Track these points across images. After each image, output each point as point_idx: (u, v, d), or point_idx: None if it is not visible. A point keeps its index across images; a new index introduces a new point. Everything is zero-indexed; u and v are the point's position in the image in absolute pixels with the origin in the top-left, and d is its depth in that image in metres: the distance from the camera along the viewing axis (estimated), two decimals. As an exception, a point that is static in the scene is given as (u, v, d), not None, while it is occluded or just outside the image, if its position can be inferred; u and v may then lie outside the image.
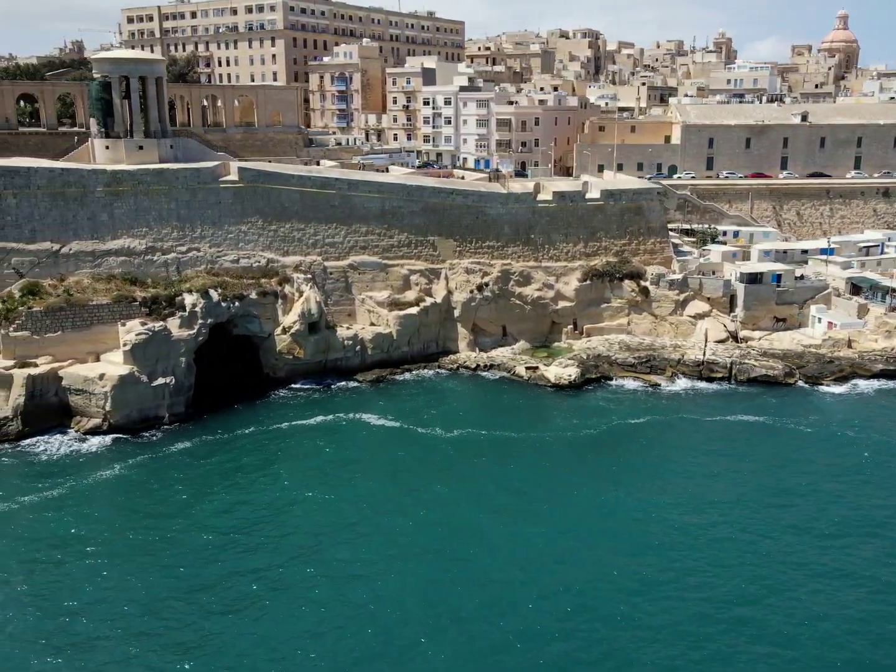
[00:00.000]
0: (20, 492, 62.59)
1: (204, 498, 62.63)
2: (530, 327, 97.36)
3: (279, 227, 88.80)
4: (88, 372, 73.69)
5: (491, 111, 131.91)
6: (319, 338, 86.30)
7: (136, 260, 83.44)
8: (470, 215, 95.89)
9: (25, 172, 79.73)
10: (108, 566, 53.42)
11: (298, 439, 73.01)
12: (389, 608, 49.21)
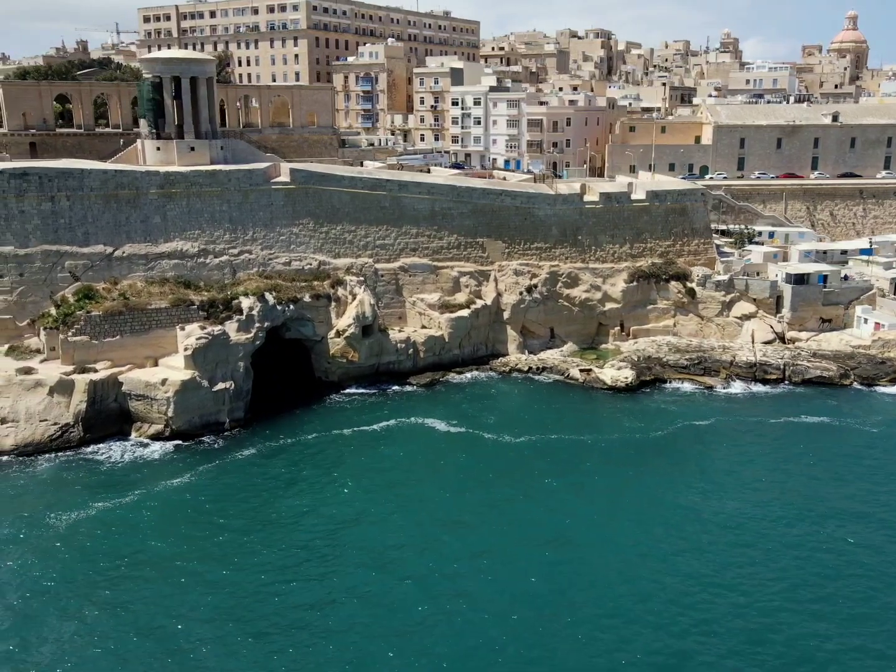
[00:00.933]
0: (91, 500, 61.20)
1: (275, 507, 61.39)
2: (578, 329, 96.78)
3: (330, 228, 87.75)
4: (150, 377, 72.44)
5: (522, 111, 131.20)
6: (373, 341, 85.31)
7: (188, 263, 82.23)
8: (518, 217, 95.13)
9: (79, 174, 78.37)
10: (191, 578, 52.10)
11: (363, 445, 71.93)
12: (488, 617, 48.31)
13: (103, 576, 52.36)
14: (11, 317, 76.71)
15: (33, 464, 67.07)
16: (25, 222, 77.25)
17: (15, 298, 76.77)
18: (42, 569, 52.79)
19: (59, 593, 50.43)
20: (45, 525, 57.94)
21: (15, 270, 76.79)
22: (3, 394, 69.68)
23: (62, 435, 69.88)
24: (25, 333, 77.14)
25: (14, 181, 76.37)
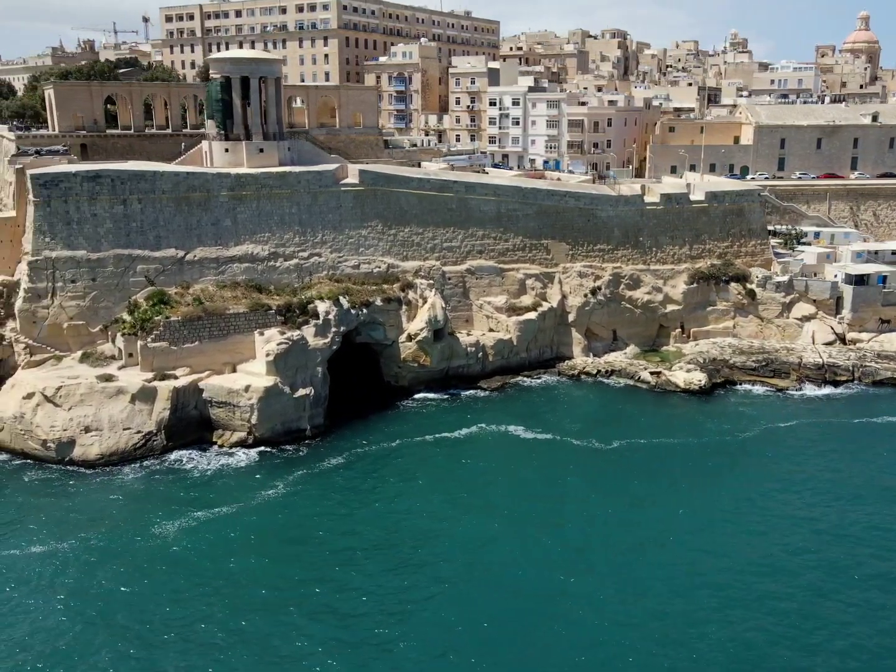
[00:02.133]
0: (189, 511, 59.70)
1: (372, 519, 59.81)
2: (639, 331, 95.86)
3: (398, 231, 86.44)
4: (232, 384, 70.92)
5: (562, 112, 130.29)
6: (444, 345, 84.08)
7: (259, 266, 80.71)
8: (582, 218, 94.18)
9: (151, 176, 76.71)
10: (305, 600, 50.40)
11: (448, 453, 70.62)
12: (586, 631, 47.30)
13: (216, 594, 50.73)
14: (84, 322, 74.93)
15: (120, 473, 65.54)
16: (98, 226, 75.54)
17: (87, 304, 75.03)
18: (153, 584, 51.34)
19: (171, 612, 48.98)
20: (149, 536, 56.45)
21: (87, 275, 75.05)
22: (86, 401, 68.05)
23: (145, 443, 68.34)
24: (98, 339, 75.40)
25: (87, 184, 74.67)
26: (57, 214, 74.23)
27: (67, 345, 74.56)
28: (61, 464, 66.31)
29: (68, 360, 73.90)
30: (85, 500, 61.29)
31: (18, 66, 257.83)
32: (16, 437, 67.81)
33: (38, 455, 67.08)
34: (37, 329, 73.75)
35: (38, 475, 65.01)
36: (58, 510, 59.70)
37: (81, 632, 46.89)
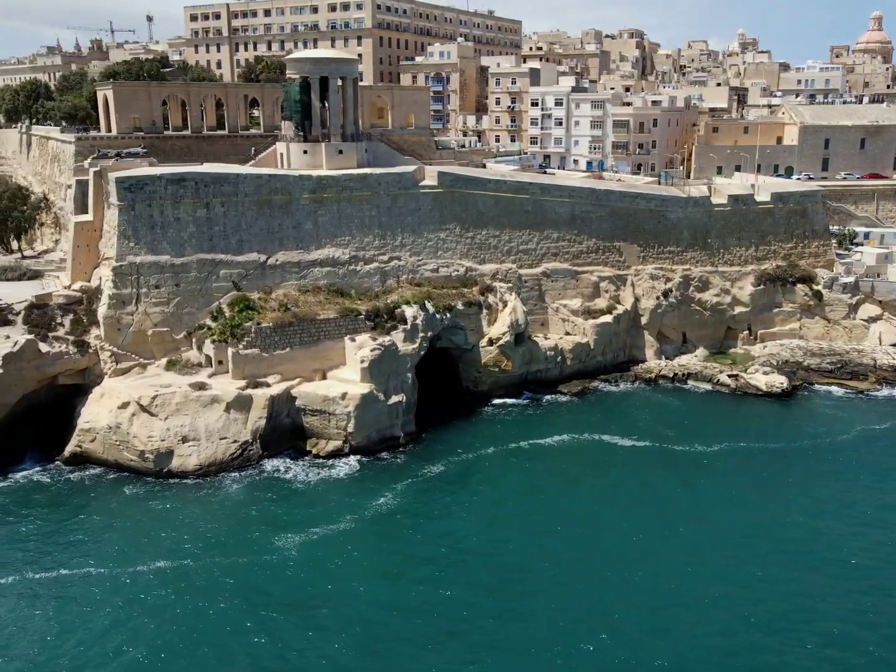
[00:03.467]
0: (303, 524, 58.06)
1: (497, 525, 58.95)
2: (708, 333, 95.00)
3: (476, 233, 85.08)
4: (327, 391, 69.32)
5: (607, 112, 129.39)
6: (525, 349, 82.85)
7: (340, 270, 79.10)
8: (652, 220, 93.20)
9: (234, 179, 74.93)
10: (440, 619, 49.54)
11: (549, 460, 69.19)
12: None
13: (349, 622, 49.31)
14: (168, 329, 73.07)
15: (221, 484, 63.79)
16: (181, 230, 73.69)
17: (171, 310, 73.15)
18: (278, 606, 49.65)
19: (306, 642, 47.39)
20: (270, 551, 54.77)
21: (171, 280, 73.18)
22: (182, 411, 66.24)
23: (242, 453, 66.63)
24: (182, 346, 73.56)
25: (171, 187, 72.80)
26: (141, 218, 72.31)
27: (151, 352, 72.67)
28: (159, 475, 64.54)
29: (153, 367, 72.00)
30: (194, 513, 59.50)
31: (24, 67, 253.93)
32: (110, 447, 65.86)
33: (134, 466, 65.20)
34: (121, 336, 71.78)
35: (138, 488, 63.10)
36: (170, 525, 57.86)
37: (203, 658, 45.16)
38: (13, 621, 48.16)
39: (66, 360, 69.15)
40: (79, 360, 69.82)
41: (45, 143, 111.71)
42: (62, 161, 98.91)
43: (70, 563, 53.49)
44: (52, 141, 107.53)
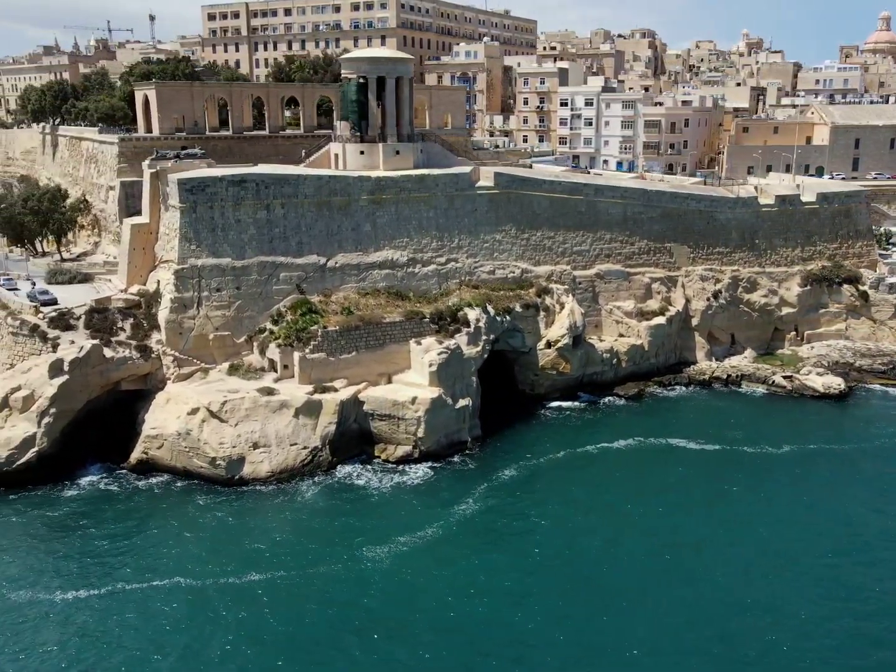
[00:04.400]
0: (388, 532, 56.98)
1: (579, 531, 58.10)
2: (756, 334, 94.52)
3: (531, 235, 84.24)
4: (397, 396, 68.29)
5: (638, 112, 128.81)
6: (582, 352, 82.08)
7: (399, 273, 78.10)
8: (702, 220, 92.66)
9: (295, 180, 73.79)
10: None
11: (622, 464, 68.50)
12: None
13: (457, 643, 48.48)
14: (230, 333, 71.89)
15: (296, 491, 62.64)
16: (242, 232, 72.51)
17: (232, 313, 71.98)
18: (376, 619, 48.87)
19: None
20: (360, 561, 53.74)
21: (232, 283, 71.99)
22: (251, 416, 65.06)
23: (312, 459, 65.52)
24: (243, 350, 72.37)
25: (232, 189, 71.60)
26: (202, 221, 71.08)
27: (212, 356, 71.48)
28: (230, 483, 63.29)
29: (215, 372, 70.79)
30: (274, 522, 58.38)
31: (30, 67, 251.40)
32: (178, 454, 64.62)
33: (204, 473, 63.95)
34: (182, 340, 70.54)
35: (211, 497, 61.84)
36: (250, 534, 56.71)
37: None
38: (98, 637, 46.78)
39: (129, 365, 67.86)
40: (142, 366, 68.54)
41: (77, 144, 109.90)
42: (102, 162, 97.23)
43: (151, 575, 52.19)
44: (86, 142, 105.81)
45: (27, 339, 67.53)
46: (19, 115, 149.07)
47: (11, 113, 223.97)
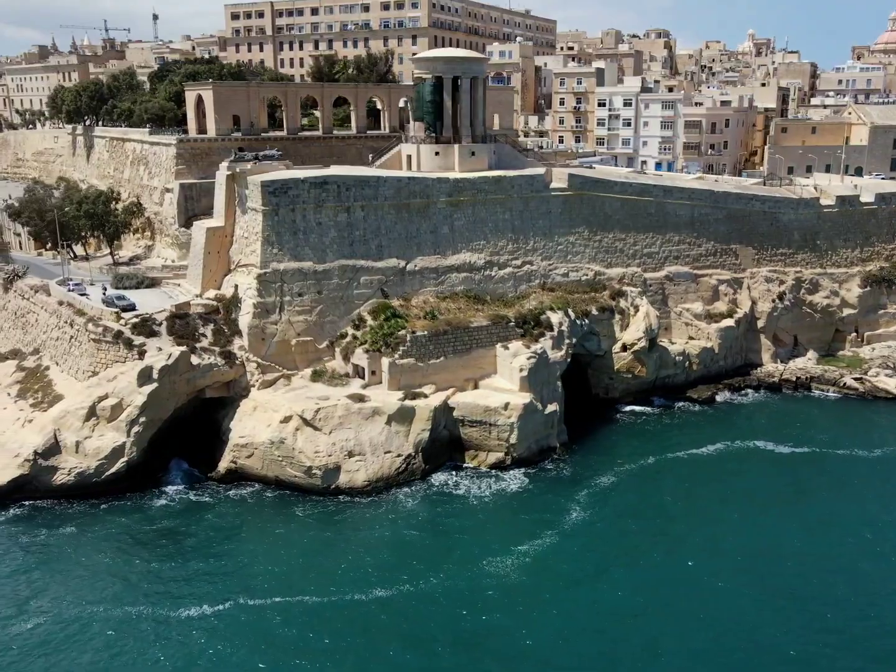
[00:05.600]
0: (505, 541, 55.82)
1: (688, 539, 57.27)
2: (818, 336, 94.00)
3: (603, 237, 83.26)
4: (488, 402, 67.04)
5: (678, 113, 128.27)
6: (657, 355, 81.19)
7: (476, 276, 76.87)
8: (765, 222, 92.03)
9: (375, 182, 72.36)
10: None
11: (716, 469, 67.65)
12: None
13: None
14: (312, 338, 70.39)
15: (395, 500, 61.27)
16: (323, 235, 71.05)
17: (314, 318, 70.49)
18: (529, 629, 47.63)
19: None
20: (485, 574, 52.29)
21: (314, 288, 70.51)
22: (345, 424, 63.63)
23: (406, 467, 64.19)
24: (324, 356, 70.88)
25: (314, 191, 70.10)
26: (284, 224, 69.56)
27: (294, 362, 69.96)
28: (325, 492, 61.85)
29: (298, 378, 69.28)
30: (383, 534, 56.96)
31: (37, 67, 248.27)
32: (271, 463, 63.07)
33: (298, 483, 62.48)
34: (265, 346, 69.00)
35: (309, 507, 60.36)
36: (361, 547, 55.35)
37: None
38: (210, 660, 45.23)
39: (214, 372, 66.19)
40: (227, 372, 66.89)
41: (120, 146, 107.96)
42: (155, 164, 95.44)
43: (265, 592, 50.52)
44: (132, 143, 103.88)
45: (111, 346, 65.78)
46: (49, 115, 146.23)
47: (21, 113, 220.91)
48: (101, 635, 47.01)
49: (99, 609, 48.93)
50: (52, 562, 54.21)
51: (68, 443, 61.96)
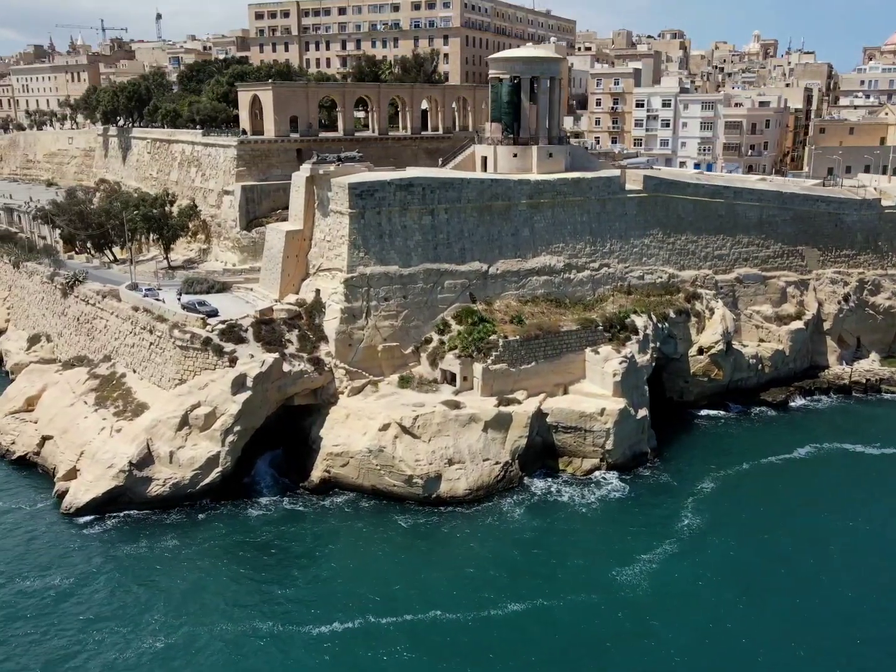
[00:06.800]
0: (624, 551, 54.72)
1: (812, 545, 56.47)
2: (880, 337, 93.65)
3: (676, 239, 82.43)
4: (583, 407, 65.97)
5: (718, 113, 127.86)
6: (733, 358, 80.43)
7: (556, 279, 75.78)
8: (830, 223, 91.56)
9: (458, 184, 71.11)
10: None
11: (817, 473, 67.16)
12: None
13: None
14: (397, 344, 69.00)
15: (499, 509, 59.98)
16: (407, 238, 69.72)
17: (400, 323, 69.13)
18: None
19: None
20: (618, 586, 51.22)
21: (399, 292, 69.13)
22: (443, 431, 62.31)
23: (504, 475, 62.96)
24: (410, 361, 69.53)
25: (399, 193, 68.77)
26: (370, 227, 68.16)
27: (380, 368, 68.58)
28: (425, 501, 60.47)
29: (384, 385, 67.85)
30: (499, 545, 55.65)
31: (44, 67, 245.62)
32: (367, 473, 61.63)
33: (397, 492, 61.06)
34: (352, 352, 67.55)
35: (411, 517, 58.99)
36: (480, 559, 54.00)
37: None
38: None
39: (304, 379, 64.64)
40: (316, 379, 65.35)
41: (165, 147, 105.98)
42: (210, 166, 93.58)
43: (377, 609, 48.77)
44: (180, 144, 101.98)
45: (199, 353, 64.11)
46: (85, 116, 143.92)
47: (31, 114, 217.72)
48: (220, 653, 45.65)
49: (213, 625, 47.72)
50: (158, 574, 52.68)
51: (161, 453, 60.32)
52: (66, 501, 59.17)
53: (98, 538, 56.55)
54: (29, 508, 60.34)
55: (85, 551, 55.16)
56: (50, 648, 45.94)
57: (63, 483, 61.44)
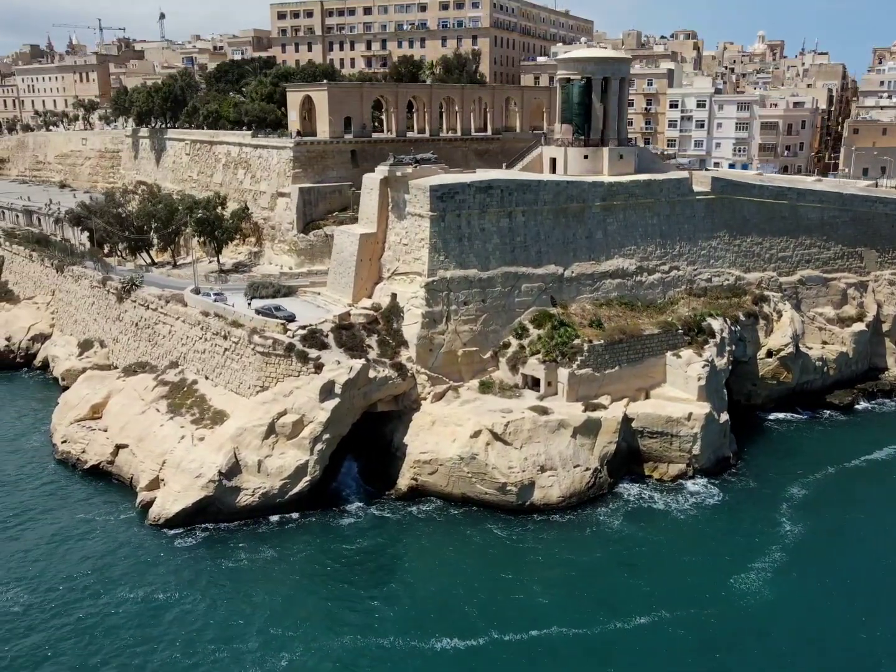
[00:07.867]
0: (731, 559, 53.98)
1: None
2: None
3: (742, 241, 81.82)
4: (670, 412, 65.15)
5: (754, 114, 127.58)
6: (801, 361, 79.87)
7: (628, 282, 74.94)
8: (887, 224, 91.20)
9: (535, 187, 70.12)
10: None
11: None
12: None
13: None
14: (477, 348, 67.92)
15: (595, 518, 59.03)
16: (486, 241, 68.64)
17: (479, 328, 68.05)
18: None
19: None
20: (735, 595, 50.42)
21: (478, 296, 68.07)
22: (534, 438, 61.29)
23: (595, 481, 62.04)
24: (489, 366, 68.47)
25: (479, 195, 67.69)
26: (450, 230, 67.05)
27: (459, 373, 67.47)
28: (518, 510, 59.41)
29: (465, 390, 66.73)
30: (602, 555, 54.69)
31: (51, 67, 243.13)
32: (458, 480, 60.50)
33: (489, 500, 59.99)
34: (432, 357, 66.42)
35: (503, 526, 57.91)
36: (584, 570, 53.01)
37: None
38: None
39: (388, 385, 63.39)
40: (399, 385, 64.15)
41: (208, 148, 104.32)
42: (261, 168, 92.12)
43: (487, 624, 47.68)
44: (225, 146, 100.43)
45: (281, 360, 62.77)
46: (114, 117, 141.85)
47: (41, 115, 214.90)
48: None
49: (317, 641, 46.59)
50: (255, 588, 51.30)
51: (249, 462, 58.97)
52: (154, 512, 57.72)
53: (189, 550, 55.20)
54: (114, 519, 58.81)
55: (177, 563, 53.88)
56: (161, 661, 44.80)
57: (147, 493, 59.95)
